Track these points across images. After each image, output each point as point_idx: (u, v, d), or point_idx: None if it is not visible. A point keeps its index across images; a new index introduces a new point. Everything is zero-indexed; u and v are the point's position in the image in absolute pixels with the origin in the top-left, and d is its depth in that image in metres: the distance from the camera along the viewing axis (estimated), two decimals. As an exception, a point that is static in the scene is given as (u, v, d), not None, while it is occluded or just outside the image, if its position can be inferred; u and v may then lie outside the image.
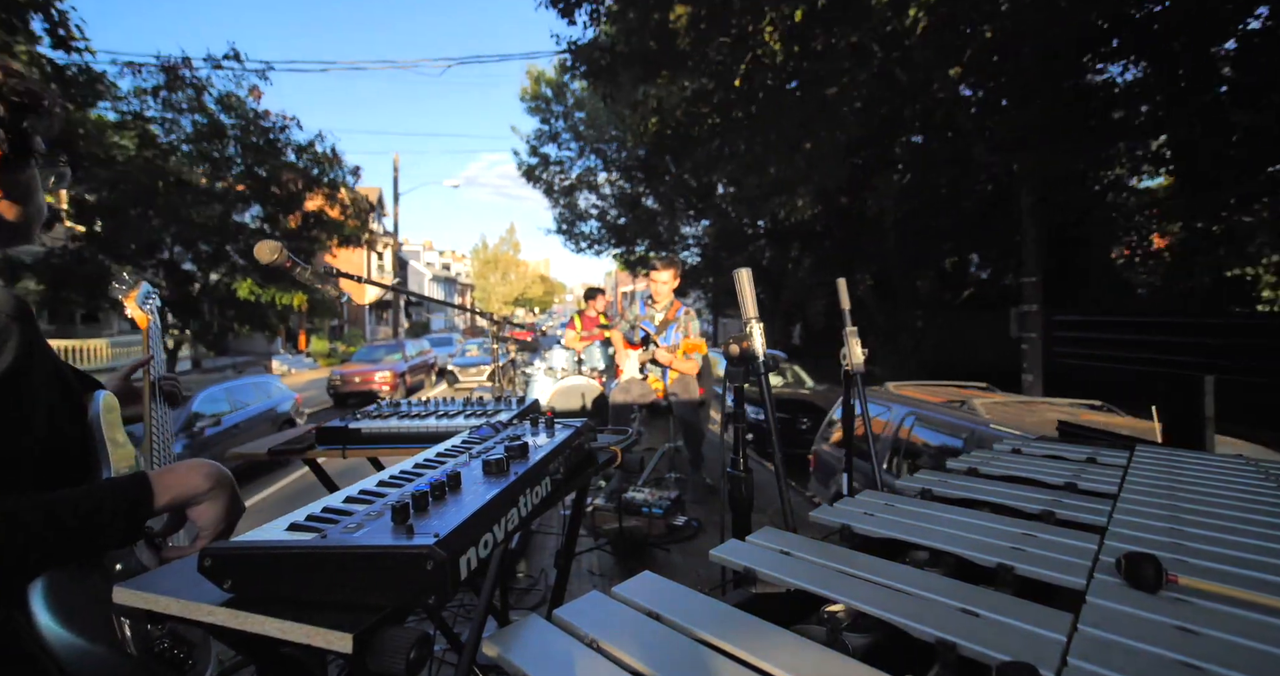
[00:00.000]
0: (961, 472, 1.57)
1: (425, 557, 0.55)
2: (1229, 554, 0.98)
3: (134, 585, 0.60)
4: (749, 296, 1.75)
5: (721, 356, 1.93)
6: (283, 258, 1.43)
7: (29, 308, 0.74)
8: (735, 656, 0.68)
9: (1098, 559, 0.95)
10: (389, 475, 0.85)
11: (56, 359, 0.81)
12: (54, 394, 0.77)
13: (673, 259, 4.15)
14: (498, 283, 56.86)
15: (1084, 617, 0.76)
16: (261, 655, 0.64)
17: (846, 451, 2.50)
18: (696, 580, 2.76)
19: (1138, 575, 0.84)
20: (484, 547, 0.65)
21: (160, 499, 0.73)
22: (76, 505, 0.65)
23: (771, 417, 1.76)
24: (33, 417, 0.70)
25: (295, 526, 0.66)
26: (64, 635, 0.65)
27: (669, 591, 0.85)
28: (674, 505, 3.50)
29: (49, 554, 0.64)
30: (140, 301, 1.48)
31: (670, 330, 4.01)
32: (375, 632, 0.54)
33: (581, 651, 0.70)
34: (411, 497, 0.68)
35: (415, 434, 1.54)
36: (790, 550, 1.01)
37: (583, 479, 1.18)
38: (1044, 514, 1.22)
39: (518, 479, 0.81)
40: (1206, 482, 1.42)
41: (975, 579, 0.92)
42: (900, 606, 0.80)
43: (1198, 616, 0.77)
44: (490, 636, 0.71)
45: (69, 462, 0.79)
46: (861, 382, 2.37)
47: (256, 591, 0.58)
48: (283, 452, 1.67)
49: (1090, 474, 1.48)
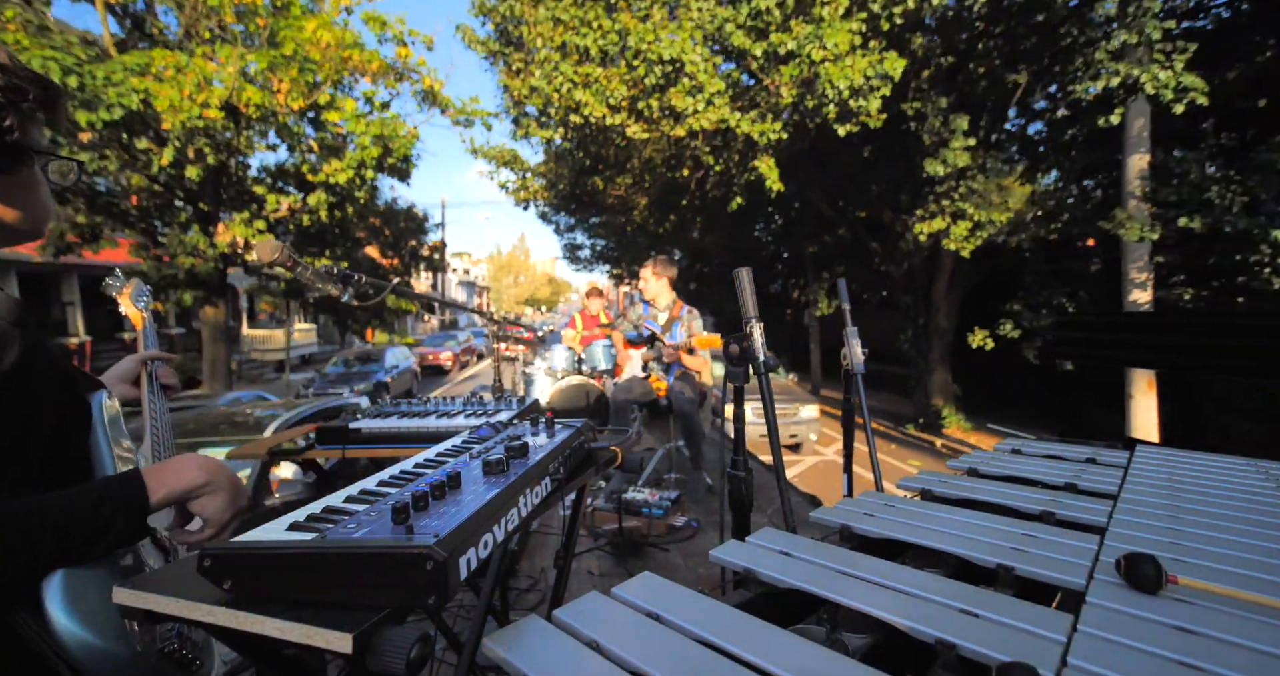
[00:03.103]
0: (961, 472, 1.57)
1: (425, 557, 0.55)
2: (1229, 554, 0.98)
3: (134, 585, 0.60)
4: (749, 296, 1.75)
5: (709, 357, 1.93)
6: (284, 257, 1.44)
7: (31, 312, 0.74)
8: (735, 656, 0.68)
9: (1098, 559, 0.95)
10: (389, 475, 0.85)
11: (59, 361, 0.81)
12: (56, 395, 0.76)
13: (655, 258, 4.14)
14: (510, 285, 63.79)
15: (1084, 618, 0.76)
16: (261, 655, 0.64)
17: (846, 451, 2.49)
18: (696, 580, 2.76)
19: (1138, 575, 0.84)
20: (484, 547, 0.65)
21: (155, 494, 0.72)
22: (71, 505, 0.65)
23: (771, 418, 1.76)
24: (34, 419, 0.70)
25: (295, 526, 0.66)
26: (81, 635, 0.65)
27: (669, 591, 0.85)
28: (674, 505, 3.50)
29: (46, 556, 0.64)
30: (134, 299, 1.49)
31: (675, 328, 4.01)
32: (375, 632, 0.54)
33: (581, 652, 0.70)
34: (412, 497, 0.68)
35: (415, 433, 1.54)
36: (790, 550, 1.01)
37: (583, 479, 1.18)
38: (1044, 514, 1.22)
39: (518, 479, 0.81)
40: (1206, 483, 1.42)
41: (975, 579, 0.92)
42: (900, 606, 0.80)
43: (1198, 616, 0.77)
44: (490, 636, 0.71)
45: (71, 463, 0.79)
46: (862, 382, 2.37)
47: (256, 591, 0.58)
48: (283, 453, 1.68)
49: (1090, 474, 1.48)
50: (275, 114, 8.14)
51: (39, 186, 0.79)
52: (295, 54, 7.91)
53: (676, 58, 6.50)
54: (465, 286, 59.76)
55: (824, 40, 6.05)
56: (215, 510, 0.77)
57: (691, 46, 6.49)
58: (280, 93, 7.89)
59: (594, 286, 6.20)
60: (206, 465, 0.78)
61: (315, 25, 8.00)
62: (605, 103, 7.20)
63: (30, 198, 0.77)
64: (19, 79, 0.72)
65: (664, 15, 6.82)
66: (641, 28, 6.59)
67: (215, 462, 0.79)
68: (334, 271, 1.66)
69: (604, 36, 6.94)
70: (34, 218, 0.78)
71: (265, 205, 9.56)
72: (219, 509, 0.77)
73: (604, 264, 23.54)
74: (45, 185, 0.80)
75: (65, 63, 6.78)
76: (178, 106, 7.11)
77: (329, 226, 10.58)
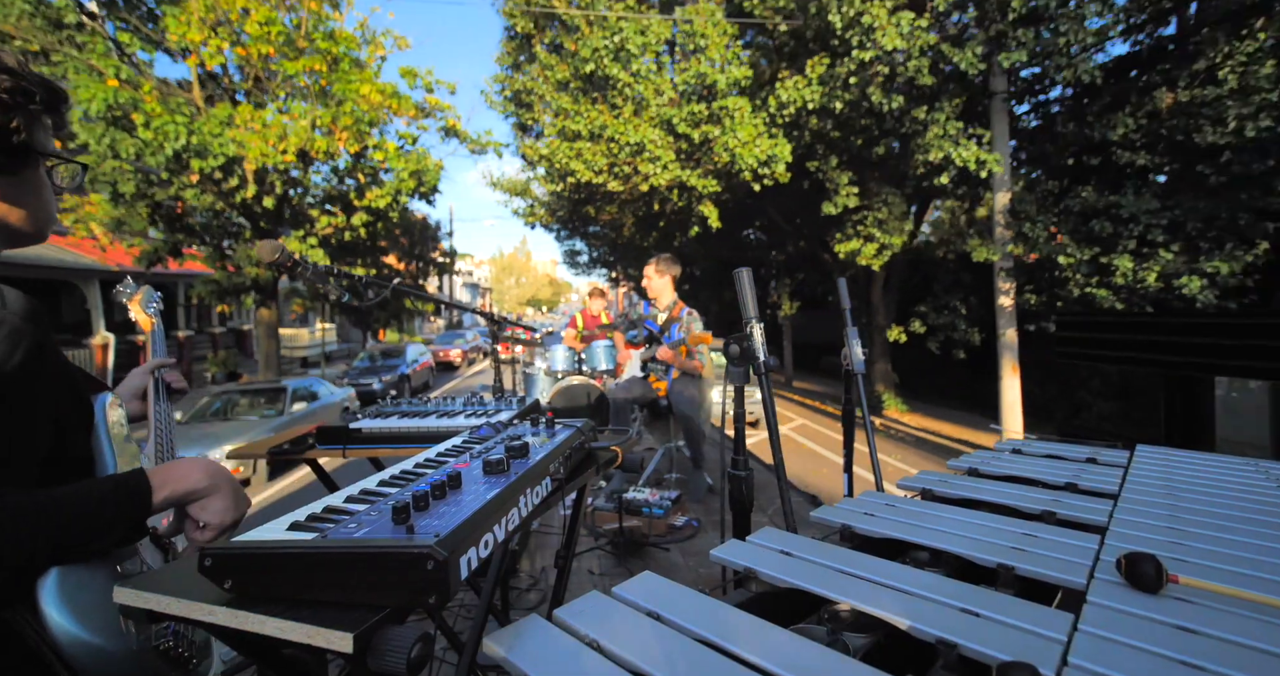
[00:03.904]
0: (962, 472, 1.57)
1: (426, 557, 0.55)
2: (1229, 553, 0.98)
3: (134, 584, 0.60)
4: (749, 296, 1.75)
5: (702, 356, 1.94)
6: (284, 257, 1.46)
7: (42, 310, 0.74)
8: (735, 656, 0.68)
9: (1098, 559, 0.95)
10: (390, 475, 0.85)
11: (66, 361, 0.81)
12: (63, 395, 0.77)
13: (659, 256, 4.13)
14: (512, 286, 65.76)
15: (1084, 617, 0.76)
16: (262, 655, 0.64)
17: (846, 451, 2.50)
18: (696, 580, 2.76)
19: (1138, 575, 0.84)
20: (484, 547, 0.65)
21: (158, 494, 0.72)
22: (74, 501, 0.65)
23: (771, 418, 1.76)
24: (41, 418, 0.70)
25: (296, 526, 0.66)
26: (77, 633, 0.65)
27: (669, 591, 0.85)
28: (674, 505, 3.50)
29: (46, 548, 0.64)
30: (144, 305, 1.50)
31: (674, 329, 4.01)
32: (376, 632, 0.54)
33: (581, 651, 0.70)
34: (412, 497, 0.68)
35: (415, 433, 1.54)
36: (790, 550, 1.01)
37: (583, 479, 1.18)
38: (1044, 514, 1.22)
39: (518, 479, 0.81)
40: (1206, 482, 1.42)
41: (975, 579, 0.92)
42: (900, 606, 0.80)
43: (1198, 616, 0.77)
44: (491, 636, 0.71)
45: (76, 463, 0.79)
46: (862, 382, 2.37)
47: (257, 591, 0.58)
48: (283, 453, 1.68)
49: (1091, 474, 1.48)
50: (333, 155, 10.47)
51: (43, 188, 0.79)
52: (352, 109, 10.04)
53: (640, 140, 9.55)
54: (469, 288, 61.46)
55: (736, 132, 9.14)
56: (215, 513, 0.77)
57: (650, 131, 9.57)
58: (340, 140, 10.15)
59: (596, 287, 6.22)
60: (209, 468, 0.78)
61: (368, 88, 10.23)
62: (591, 169, 10.17)
63: (35, 199, 0.78)
64: (26, 82, 0.73)
65: (632, 111, 9.86)
66: (615, 122, 9.69)
67: (217, 466, 0.79)
68: (333, 271, 1.67)
69: (591, 122, 9.86)
70: (38, 220, 0.79)
71: (316, 224, 11.42)
72: (219, 512, 0.77)
73: (602, 268, 25.03)
74: (49, 188, 0.81)
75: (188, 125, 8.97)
76: (264, 154, 9.25)
77: (364, 240, 12.60)
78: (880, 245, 9.89)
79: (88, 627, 0.65)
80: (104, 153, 8.98)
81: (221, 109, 9.59)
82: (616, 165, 10.08)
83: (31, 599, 0.64)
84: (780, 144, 9.26)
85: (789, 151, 9.33)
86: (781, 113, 9.21)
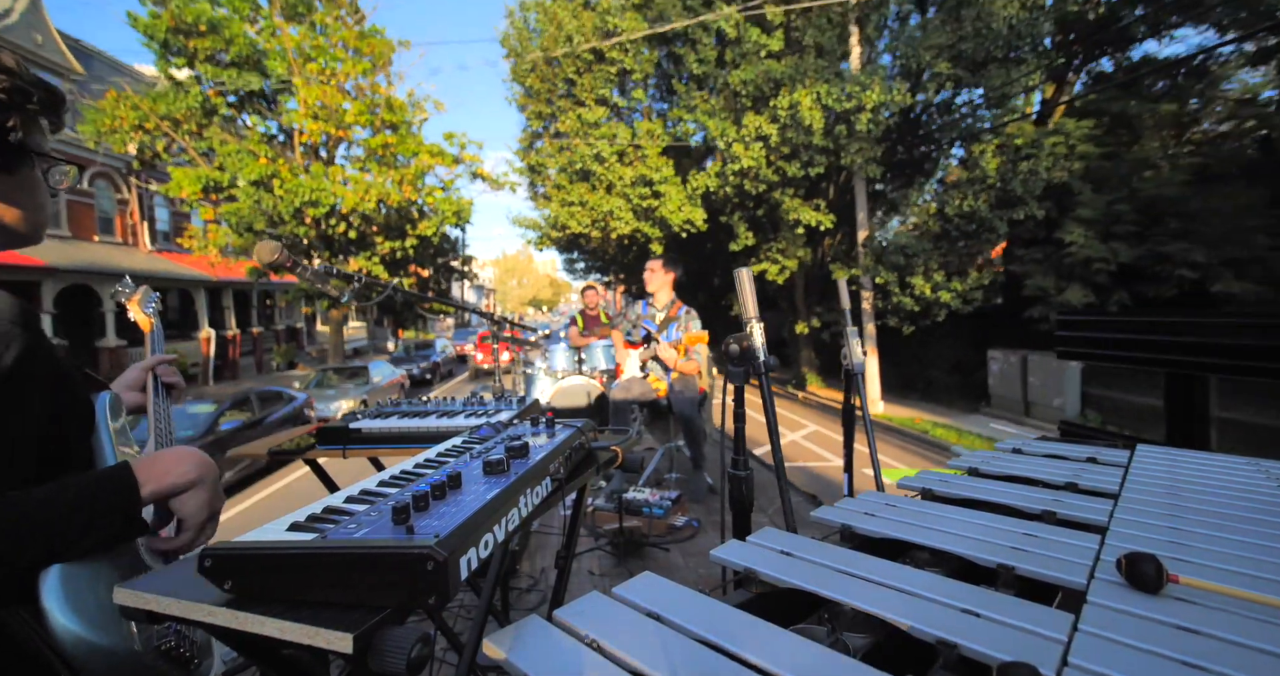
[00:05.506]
0: (962, 472, 1.57)
1: (426, 557, 0.55)
2: (1230, 553, 0.98)
3: (134, 585, 0.60)
4: (749, 296, 1.75)
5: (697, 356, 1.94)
6: (283, 257, 1.46)
7: (34, 313, 0.74)
8: (736, 656, 0.68)
9: (1099, 559, 0.95)
10: (389, 475, 0.85)
11: (62, 361, 0.81)
12: (59, 396, 0.76)
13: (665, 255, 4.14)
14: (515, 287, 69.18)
15: (1085, 618, 0.76)
16: (262, 655, 0.64)
17: (846, 451, 2.49)
18: (696, 580, 2.76)
19: (1138, 575, 0.84)
20: (484, 547, 0.65)
21: (146, 488, 0.71)
22: (57, 497, 0.65)
23: (772, 418, 1.76)
24: (34, 420, 0.70)
25: (296, 526, 0.66)
26: (78, 632, 0.64)
27: (669, 591, 0.85)
28: (674, 505, 3.50)
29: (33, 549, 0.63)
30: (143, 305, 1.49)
31: (671, 328, 4.01)
32: (376, 632, 0.54)
33: (582, 651, 0.70)
34: (412, 497, 0.68)
35: (415, 434, 1.54)
36: (790, 550, 1.01)
37: (583, 479, 1.18)
38: (1045, 514, 1.22)
39: (518, 479, 0.81)
40: (1207, 482, 1.42)
41: (975, 579, 0.92)
42: (900, 606, 0.80)
43: (1199, 616, 0.77)
44: (491, 636, 0.71)
45: (74, 464, 0.79)
46: (862, 382, 2.37)
47: (257, 591, 0.58)
48: (283, 453, 1.67)
49: (1091, 473, 1.48)
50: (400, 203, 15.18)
51: (39, 189, 0.80)
52: (412, 165, 15.33)
53: (610, 208, 14.84)
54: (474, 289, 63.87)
55: (667, 205, 14.25)
56: (194, 509, 0.76)
57: (616, 201, 14.75)
58: (406, 192, 15.12)
59: (589, 285, 6.25)
60: (200, 460, 0.77)
61: (424, 153, 15.51)
62: (580, 225, 15.56)
63: (30, 199, 0.78)
64: (24, 82, 0.73)
65: (605, 189, 15.02)
66: (594, 196, 15.04)
67: (205, 458, 0.78)
68: (332, 271, 1.67)
69: (579, 196, 15.28)
70: (33, 220, 0.79)
71: (378, 247, 15.76)
72: (199, 507, 0.76)
73: (598, 274, 27.76)
74: (45, 190, 0.81)
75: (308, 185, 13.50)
76: (356, 203, 14.04)
77: (412, 258, 17.20)
78: (781, 266, 14.58)
79: (90, 627, 0.65)
80: (252, 206, 13.49)
81: (317, 168, 14.41)
82: (596, 222, 15.38)
83: (33, 598, 0.64)
84: (696, 211, 14.42)
85: (701, 217, 14.48)
86: (694, 193, 14.38)
